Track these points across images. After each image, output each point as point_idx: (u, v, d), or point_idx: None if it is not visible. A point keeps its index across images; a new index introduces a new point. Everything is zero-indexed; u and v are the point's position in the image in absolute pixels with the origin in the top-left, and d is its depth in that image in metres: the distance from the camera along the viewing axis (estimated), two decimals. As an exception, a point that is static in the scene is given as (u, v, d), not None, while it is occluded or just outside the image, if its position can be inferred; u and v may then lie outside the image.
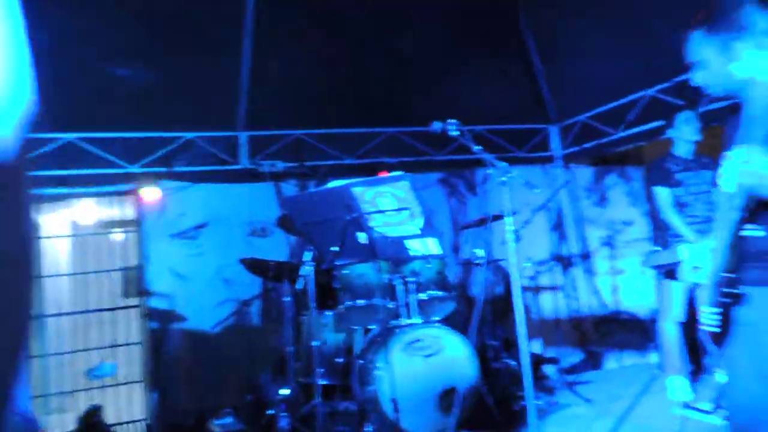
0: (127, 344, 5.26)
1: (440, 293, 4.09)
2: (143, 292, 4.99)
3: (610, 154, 6.10)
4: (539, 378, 4.97)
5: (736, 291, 1.80)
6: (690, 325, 3.73)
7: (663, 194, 3.85)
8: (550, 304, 6.15)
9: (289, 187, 5.55)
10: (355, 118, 5.59)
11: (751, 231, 1.78)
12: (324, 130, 5.58)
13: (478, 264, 4.68)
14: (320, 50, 5.12)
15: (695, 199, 3.84)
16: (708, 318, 1.92)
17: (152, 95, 4.85)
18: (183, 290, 5.01)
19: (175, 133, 5.12)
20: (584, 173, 6.45)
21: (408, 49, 5.28)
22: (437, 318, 4.20)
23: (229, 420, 3.83)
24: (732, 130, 2.03)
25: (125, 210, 5.40)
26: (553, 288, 6.16)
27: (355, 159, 5.64)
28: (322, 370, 3.97)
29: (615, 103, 5.37)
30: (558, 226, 6.35)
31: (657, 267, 3.70)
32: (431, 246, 2.32)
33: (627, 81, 5.09)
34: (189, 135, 5.17)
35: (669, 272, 3.76)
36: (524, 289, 6.12)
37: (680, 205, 3.80)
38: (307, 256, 3.86)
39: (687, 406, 3.66)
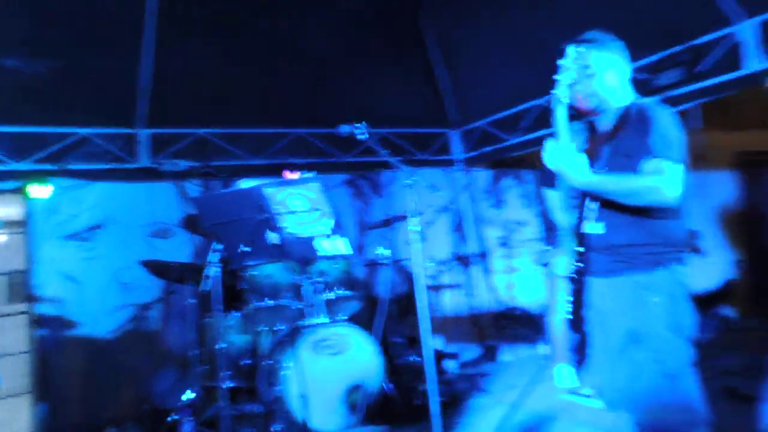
0: (13, 354, 4.90)
1: (346, 292, 4.17)
2: (30, 298, 4.68)
3: (506, 158, 6.45)
4: (441, 372, 5.18)
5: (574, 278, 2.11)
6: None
7: (552, 197, 4.15)
8: (450, 302, 6.40)
9: (193, 187, 5.42)
10: (262, 118, 5.55)
11: (594, 227, 2.04)
12: (229, 130, 5.50)
13: (382, 264, 4.81)
14: (225, 48, 5.05)
15: (581, 201, 4.16)
16: (564, 306, 2.16)
17: (43, 88, 4.56)
18: (75, 295, 4.76)
19: (68, 128, 4.85)
20: (483, 176, 6.78)
21: (313, 50, 5.31)
22: (344, 317, 4.28)
23: None
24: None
25: (11, 210, 5.03)
26: (453, 286, 6.42)
27: (262, 159, 5.59)
28: (227, 372, 3.94)
29: (510, 111, 5.69)
30: (458, 227, 6.63)
31: (547, 264, 3.98)
32: (341, 246, 2.40)
33: (521, 90, 5.42)
34: (84, 131, 4.92)
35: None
36: (427, 287, 6.35)
37: (569, 207, 4.11)
38: (213, 257, 3.82)
39: (572, 392, 3.97)
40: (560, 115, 2.10)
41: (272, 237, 2.38)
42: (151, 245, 5.10)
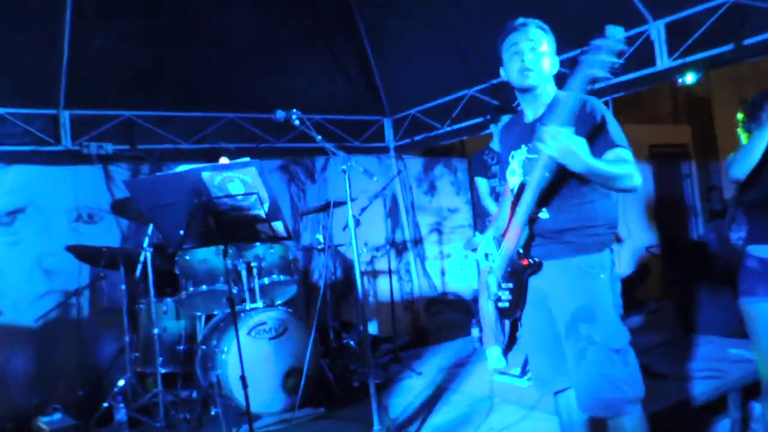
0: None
1: (283, 277, 4.19)
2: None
3: (437, 146, 6.62)
4: (376, 356, 5.29)
5: (529, 262, 2.17)
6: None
7: (481, 184, 4.32)
8: (385, 287, 6.52)
9: (120, 171, 5.27)
10: (193, 102, 5.44)
11: (541, 214, 2.16)
12: (158, 113, 5.36)
13: (319, 249, 4.85)
14: (153, 29, 4.88)
15: (509, 188, 4.35)
16: (501, 293, 2.28)
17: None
18: (-5, 282, 4.55)
19: (-17, 108, 4.60)
20: (415, 164, 6.93)
21: (245, 33, 5.25)
22: (280, 302, 4.30)
23: (58, 416, 3.59)
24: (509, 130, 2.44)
25: None
26: (388, 272, 6.55)
27: (192, 144, 5.49)
28: (161, 358, 3.90)
29: (441, 100, 5.84)
30: (392, 214, 6.76)
31: (475, 250, 4.14)
32: (279, 229, 2.43)
33: (451, 80, 5.58)
34: (1, 111, 4.67)
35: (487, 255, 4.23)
36: (362, 273, 6.44)
37: (496, 195, 4.29)
38: (146, 241, 3.75)
39: (501, 372, 4.17)
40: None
41: (210, 221, 2.38)
42: (76, 230, 4.92)
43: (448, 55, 5.37)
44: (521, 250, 2.18)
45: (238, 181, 2.31)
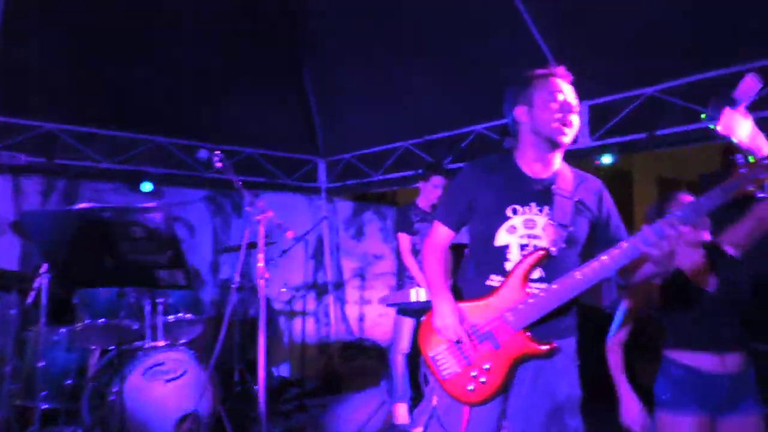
0: None
1: (189, 315, 4.04)
2: None
3: (369, 193, 6.66)
4: (282, 401, 5.14)
5: (547, 349, 1.98)
6: (414, 356, 4.23)
7: (403, 240, 4.35)
8: (301, 329, 6.41)
9: (32, 185, 5.01)
10: (122, 121, 5.27)
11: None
12: (83, 128, 5.15)
13: (233, 287, 4.71)
14: (87, 42, 4.71)
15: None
16: (472, 372, 2.05)
17: None
18: None
19: None
20: (345, 207, 6.94)
21: (189, 58, 5.15)
22: (184, 341, 4.14)
23: None
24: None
25: None
26: (306, 313, 6.45)
27: (115, 164, 5.29)
28: (45, 392, 3.64)
29: (376, 149, 5.91)
30: (316, 255, 6.69)
31: (390, 304, 4.13)
32: (180, 278, 2.34)
33: (388, 130, 5.67)
34: None
35: (402, 309, 4.23)
36: (279, 313, 6.33)
37: (416, 252, 4.32)
38: (43, 267, 3.54)
39: (406, 429, 4.13)
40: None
41: (108, 262, 2.27)
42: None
43: (388, 107, 5.45)
44: (527, 331, 1.96)
45: (142, 224, 2.22)
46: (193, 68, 5.19)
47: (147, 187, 5.26)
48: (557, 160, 2.06)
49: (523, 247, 1.99)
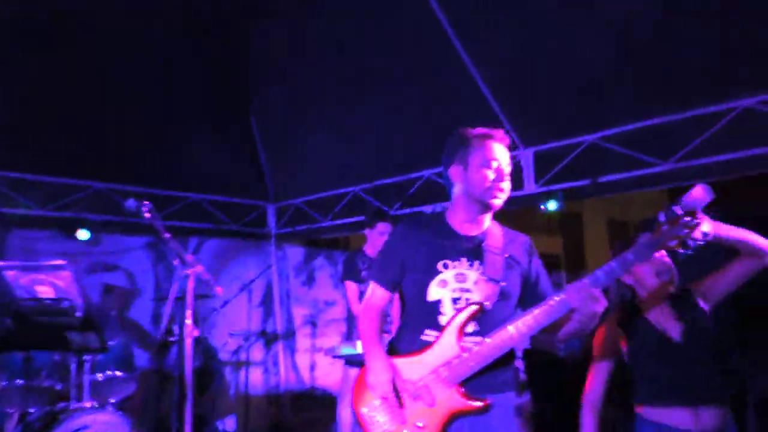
0: None
1: (120, 373, 3.80)
2: None
3: (319, 239, 6.54)
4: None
5: (480, 406, 1.93)
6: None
7: (351, 289, 4.23)
8: (250, 379, 6.17)
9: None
10: (59, 166, 5.03)
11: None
12: (17, 174, 4.90)
13: (173, 339, 4.48)
14: (20, 84, 4.50)
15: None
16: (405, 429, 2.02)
17: None
18: None
19: None
20: (296, 253, 6.78)
21: (132, 100, 4.98)
22: (113, 400, 3.87)
23: None
24: None
25: None
26: (254, 363, 6.21)
27: (50, 211, 5.04)
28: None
29: (326, 194, 5.82)
30: (265, 302, 6.49)
31: (337, 356, 3.98)
32: (92, 341, 2.17)
33: (338, 176, 5.59)
34: None
35: (349, 361, 4.08)
36: (225, 363, 6.07)
37: (363, 300, 4.19)
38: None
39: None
40: None
41: (8, 323, 2.08)
42: None
43: (337, 152, 5.39)
44: (461, 387, 1.92)
45: (49, 283, 2.05)
46: (133, 110, 5.02)
47: (83, 234, 5.02)
48: (487, 219, 2.10)
49: (455, 300, 1.98)
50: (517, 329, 1.88)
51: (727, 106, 3.51)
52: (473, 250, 2.02)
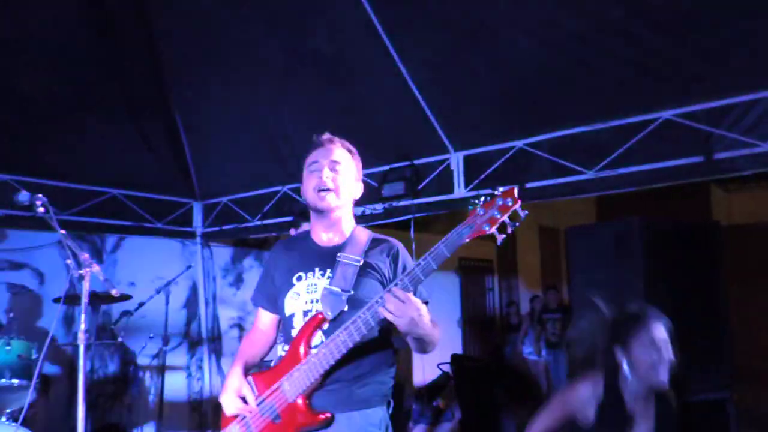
0: None
1: (16, 381, 3.50)
2: None
3: (248, 239, 6.32)
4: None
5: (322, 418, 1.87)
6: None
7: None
8: (172, 385, 5.89)
9: None
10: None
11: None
12: None
13: (84, 343, 4.20)
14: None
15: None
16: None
17: None
18: None
19: None
20: (223, 253, 6.54)
21: (42, 90, 4.62)
22: (9, 410, 3.58)
23: None
24: None
25: None
26: (176, 368, 5.94)
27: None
28: None
29: (254, 192, 5.62)
30: (189, 304, 6.22)
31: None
32: None
33: (266, 175, 5.41)
34: None
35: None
36: (144, 368, 5.77)
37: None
38: None
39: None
40: None
41: None
42: None
43: (264, 151, 5.20)
44: (304, 400, 1.84)
45: None
46: (45, 100, 4.67)
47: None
48: (347, 226, 2.06)
49: (306, 313, 1.95)
50: (348, 334, 1.79)
51: (646, 117, 3.58)
52: (327, 260, 1.99)
